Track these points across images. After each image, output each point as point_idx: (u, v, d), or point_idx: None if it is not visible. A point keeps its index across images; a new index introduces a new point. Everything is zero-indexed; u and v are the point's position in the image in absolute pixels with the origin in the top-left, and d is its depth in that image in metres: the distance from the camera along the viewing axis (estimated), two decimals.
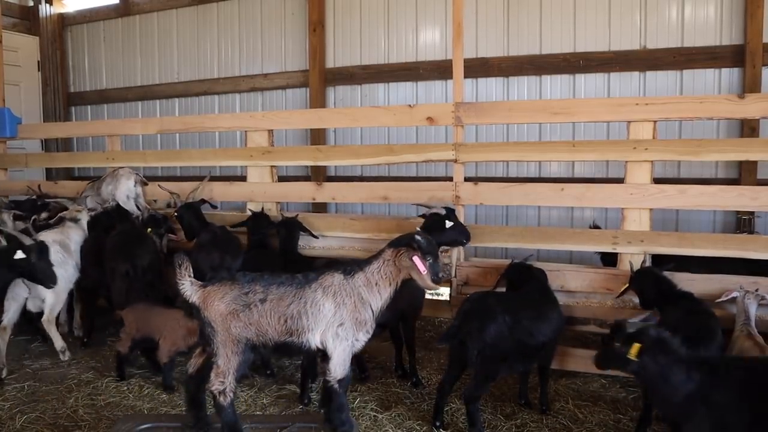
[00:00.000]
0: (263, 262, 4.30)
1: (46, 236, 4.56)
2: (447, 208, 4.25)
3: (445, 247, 4.65)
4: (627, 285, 3.75)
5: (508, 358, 3.29)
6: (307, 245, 4.96)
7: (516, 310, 3.35)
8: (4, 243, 3.93)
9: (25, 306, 4.44)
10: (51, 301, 4.44)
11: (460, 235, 4.18)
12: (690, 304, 3.40)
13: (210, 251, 4.13)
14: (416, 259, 2.81)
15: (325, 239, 4.97)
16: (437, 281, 2.89)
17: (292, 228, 4.70)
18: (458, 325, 3.30)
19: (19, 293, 4.35)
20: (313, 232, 4.83)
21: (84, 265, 4.73)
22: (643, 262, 3.96)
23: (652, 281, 3.62)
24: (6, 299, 4.34)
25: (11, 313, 4.34)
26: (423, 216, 4.35)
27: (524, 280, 3.82)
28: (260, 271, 4.07)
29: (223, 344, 2.74)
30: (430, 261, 2.84)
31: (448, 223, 4.12)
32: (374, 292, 2.84)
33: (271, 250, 4.70)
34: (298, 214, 4.94)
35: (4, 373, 4.15)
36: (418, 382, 4.01)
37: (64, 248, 4.63)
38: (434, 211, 4.22)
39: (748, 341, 3.09)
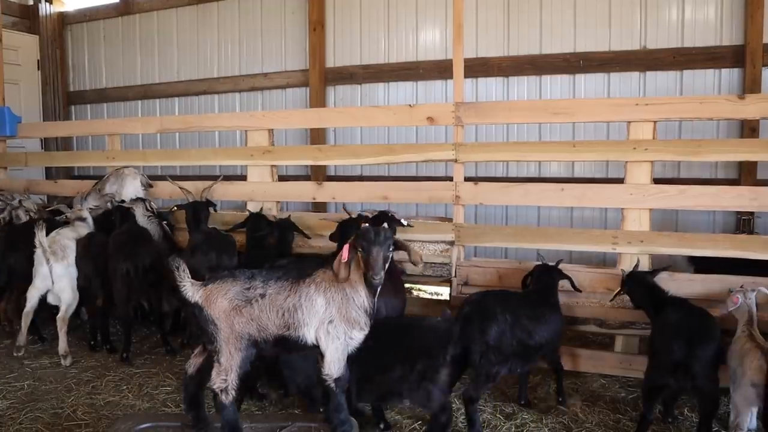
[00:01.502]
0: (261, 261, 4.30)
1: (64, 234, 4.64)
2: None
3: (446, 246, 4.67)
4: (619, 288, 3.76)
5: (509, 359, 3.29)
6: (308, 244, 4.97)
7: (515, 310, 3.35)
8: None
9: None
10: (68, 298, 4.50)
11: None
12: (686, 305, 3.41)
13: (206, 252, 4.11)
14: (345, 247, 2.77)
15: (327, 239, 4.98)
16: (371, 277, 2.70)
17: (285, 229, 4.73)
18: (460, 328, 3.30)
19: (44, 283, 4.44)
20: (306, 233, 4.84)
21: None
22: (636, 265, 3.96)
23: (641, 285, 3.64)
24: (30, 288, 4.49)
25: (33, 300, 4.49)
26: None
27: (550, 283, 3.80)
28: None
29: (226, 341, 2.76)
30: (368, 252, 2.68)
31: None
32: (353, 286, 2.82)
33: (269, 250, 4.69)
34: (290, 215, 4.97)
35: (23, 351, 4.46)
36: None
37: None
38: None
39: (749, 343, 3.09)
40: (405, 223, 4.43)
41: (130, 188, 5.46)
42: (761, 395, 2.87)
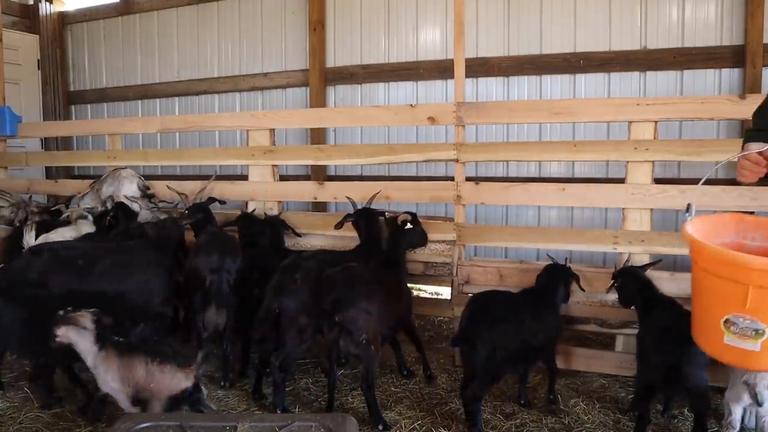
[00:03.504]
0: (258, 259, 4.33)
1: (61, 233, 4.61)
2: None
3: (447, 246, 4.66)
4: (612, 281, 3.76)
5: (514, 358, 3.30)
6: (309, 243, 4.99)
7: (519, 310, 3.36)
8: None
9: None
10: None
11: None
12: (675, 306, 3.43)
13: (209, 253, 4.11)
14: None
15: (326, 238, 4.99)
16: None
17: (278, 226, 4.76)
18: (466, 326, 3.30)
19: None
20: (297, 230, 4.88)
21: None
22: (627, 261, 3.97)
23: (633, 280, 3.63)
24: None
25: None
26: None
27: (552, 283, 3.79)
28: (255, 268, 4.11)
29: None
30: None
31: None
32: None
33: (262, 248, 4.68)
34: (281, 213, 5.03)
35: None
36: (432, 376, 4.10)
37: None
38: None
39: None
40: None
41: (127, 191, 5.45)
42: (753, 395, 2.89)
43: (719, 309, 2.02)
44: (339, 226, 4.59)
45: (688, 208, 2.30)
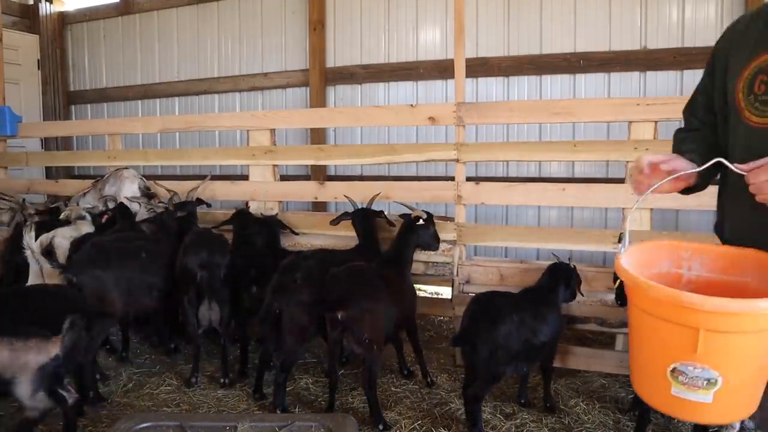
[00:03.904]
0: (254, 259, 4.33)
1: (61, 233, 4.62)
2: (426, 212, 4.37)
3: (448, 246, 4.66)
4: (618, 280, 3.75)
5: (515, 359, 3.31)
6: (309, 243, 5.00)
7: (522, 310, 3.36)
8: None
9: None
10: None
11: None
12: None
13: (198, 251, 4.11)
14: None
15: (327, 238, 5.00)
16: None
17: (274, 225, 4.78)
18: (467, 326, 3.31)
19: (35, 282, 4.42)
20: (294, 230, 4.90)
21: None
22: None
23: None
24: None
25: None
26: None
27: (553, 282, 3.77)
28: (251, 267, 4.11)
29: None
30: None
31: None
32: None
33: (258, 247, 4.67)
34: (277, 213, 5.05)
35: None
36: (432, 382, 4.04)
37: None
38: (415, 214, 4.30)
39: None
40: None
41: (128, 191, 5.46)
42: None
43: (664, 356, 1.74)
44: (335, 222, 4.62)
45: (620, 238, 1.96)
